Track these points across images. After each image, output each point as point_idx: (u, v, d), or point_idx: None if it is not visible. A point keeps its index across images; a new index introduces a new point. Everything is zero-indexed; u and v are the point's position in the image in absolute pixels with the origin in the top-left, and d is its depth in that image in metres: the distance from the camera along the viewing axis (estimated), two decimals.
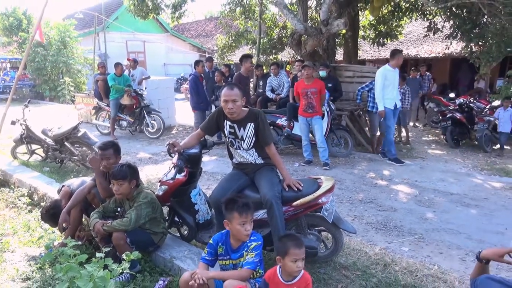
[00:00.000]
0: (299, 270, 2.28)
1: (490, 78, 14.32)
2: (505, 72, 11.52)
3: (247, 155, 3.29)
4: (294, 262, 2.27)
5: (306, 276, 2.31)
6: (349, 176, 6.12)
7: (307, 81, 6.43)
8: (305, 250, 2.31)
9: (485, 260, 2.15)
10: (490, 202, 5.02)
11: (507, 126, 8.50)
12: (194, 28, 32.77)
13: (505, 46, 7.69)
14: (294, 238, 2.37)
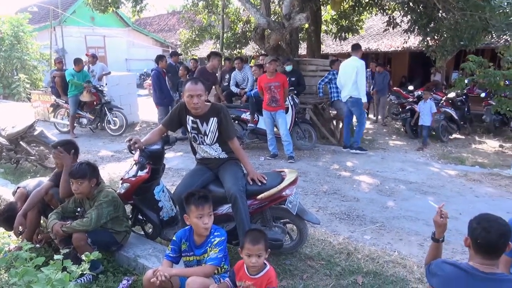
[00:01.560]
0: (254, 265, 2.26)
1: (446, 71, 14.95)
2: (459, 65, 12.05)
3: (211, 150, 3.27)
4: (248, 257, 2.27)
5: (270, 272, 2.31)
6: (314, 168, 6.22)
7: (270, 76, 6.46)
8: (263, 246, 2.27)
9: (439, 238, 2.26)
10: (446, 189, 5.26)
11: (427, 119, 8.33)
12: (156, 23, 32.06)
13: (459, 40, 8.04)
14: (253, 233, 2.35)
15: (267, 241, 2.33)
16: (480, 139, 9.43)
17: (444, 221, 2.24)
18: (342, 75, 7.18)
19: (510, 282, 1.81)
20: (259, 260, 2.25)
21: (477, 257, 1.89)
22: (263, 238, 2.29)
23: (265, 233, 2.40)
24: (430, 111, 8.31)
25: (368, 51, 16.05)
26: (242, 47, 14.73)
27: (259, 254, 2.25)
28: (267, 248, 2.31)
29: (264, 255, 2.27)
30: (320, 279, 3.11)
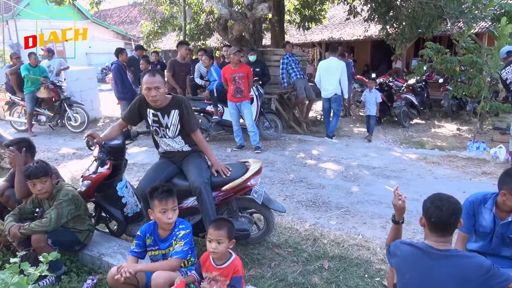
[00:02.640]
0: (214, 251, 2.25)
1: (406, 58, 15.38)
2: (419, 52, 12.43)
3: (174, 143, 3.23)
4: (209, 242, 2.27)
5: (236, 261, 2.32)
6: (280, 157, 6.28)
7: (233, 66, 6.42)
8: (225, 233, 2.27)
9: (398, 220, 2.35)
10: (407, 172, 5.45)
11: (373, 109, 7.97)
12: (117, 15, 31.07)
13: (416, 28, 8.28)
14: (218, 220, 2.36)
15: (232, 231, 2.32)
16: (439, 123, 9.80)
17: (402, 204, 2.33)
18: (325, 73, 7.56)
19: (462, 257, 1.91)
20: (219, 247, 2.24)
21: (432, 235, 1.98)
22: (227, 226, 2.29)
23: (231, 223, 2.40)
24: (376, 101, 7.98)
25: (331, 40, 16.27)
26: (206, 39, 14.56)
27: (219, 240, 2.24)
28: (231, 237, 2.30)
29: (225, 242, 2.26)
30: (288, 266, 3.16)
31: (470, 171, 5.41)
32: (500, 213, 2.49)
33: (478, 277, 1.82)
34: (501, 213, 2.49)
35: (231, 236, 2.30)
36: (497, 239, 2.54)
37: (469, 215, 2.57)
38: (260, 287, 2.87)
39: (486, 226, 2.53)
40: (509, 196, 2.36)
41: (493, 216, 2.51)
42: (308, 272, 3.06)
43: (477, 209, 2.56)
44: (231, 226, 2.36)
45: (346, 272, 3.04)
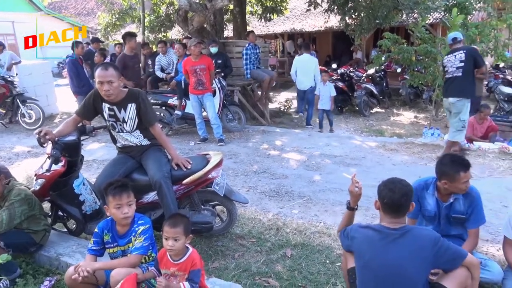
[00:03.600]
0: (171, 249, 2.23)
1: (366, 48, 15.75)
2: None
3: (132, 138, 3.16)
4: (166, 240, 2.24)
5: (193, 255, 2.30)
6: (244, 149, 6.29)
7: (194, 58, 6.33)
8: (181, 230, 2.23)
9: (353, 206, 2.42)
10: (367, 160, 5.61)
11: (327, 103, 7.94)
12: (72, 6, 29.81)
13: (374, 19, 8.49)
14: (174, 217, 2.32)
15: (188, 226, 2.29)
16: (398, 111, 10.15)
17: (359, 191, 2.41)
18: (301, 68, 8.39)
19: (415, 230, 2.04)
20: (176, 244, 2.22)
21: (386, 217, 2.08)
22: (183, 223, 2.26)
23: (187, 219, 2.37)
24: (330, 95, 7.95)
25: (294, 32, 16.40)
26: (167, 31, 14.26)
27: (176, 237, 2.21)
28: (188, 233, 2.28)
29: (182, 239, 2.23)
30: (251, 256, 3.19)
31: (425, 157, 5.64)
32: (442, 197, 2.65)
33: (431, 247, 1.94)
34: (442, 197, 2.65)
35: (187, 232, 2.27)
36: (444, 221, 2.70)
37: (414, 202, 2.70)
38: (224, 278, 2.87)
39: (431, 210, 2.68)
40: (450, 184, 2.52)
41: (436, 200, 2.67)
42: (272, 261, 3.10)
43: (420, 195, 2.71)
44: (187, 221, 2.33)
45: (308, 259, 3.10)
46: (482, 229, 3.37)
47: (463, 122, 5.38)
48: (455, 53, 5.36)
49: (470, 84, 5.30)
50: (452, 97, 5.36)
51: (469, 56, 5.23)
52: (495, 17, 9.75)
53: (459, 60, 5.29)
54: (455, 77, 5.33)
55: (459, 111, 5.34)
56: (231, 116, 7.42)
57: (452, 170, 2.49)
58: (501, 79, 11.03)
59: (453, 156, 2.60)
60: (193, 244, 3.35)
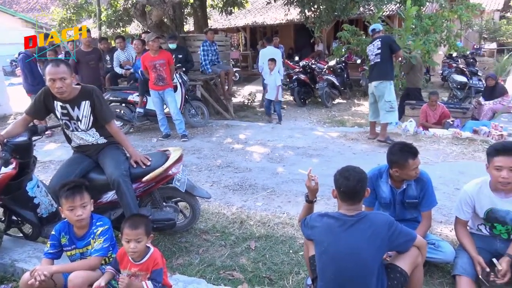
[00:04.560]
0: (133, 251, 2.18)
1: (327, 40, 16.00)
2: None
3: (87, 136, 3.07)
4: (127, 243, 2.19)
5: (155, 254, 2.26)
6: (208, 144, 6.26)
7: (153, 53, 6.21)
8: (143, 231, 2.18)
9: (312, 199, 2.48)
10: (329, 150, 5.73)
11: (272, 93, 7.94)
12: (24, 1, 28.40)
13: (333, 11, 8.63)
14: (133, 218, 2.28)
15: (149, 226, 2.26)
16: (359, 101, 10.40)
17: (315, 185, 2.46)
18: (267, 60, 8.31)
19: (370, 214, 2.12)
20: (139, 246, 2.18)
21: (343, 204, 2.14)
22: (144, 223, 2.22)
23: (147, 218, 2.34)
24: (276, 84, 7.92)
25: (255, 25, 16.39)
26: (126, 25, 13.87)
27: (138, 239, 2.17)
28: (149, 232, 2.24)
29: (144, 240, 2.20)
30: (216, 251, 3.19)
31: (384, 145, 5.81)
32: (395, 183, 2.76)
33: (386, 231, 2.03)
34: (395, 183, 2.76)
35: (149, 232, 2.24)
36: (399, 206, 2.82)
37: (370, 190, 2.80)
38: (188, 274, 2.86)
39: (386, 197, 2.79)
40: (400, 172, 2.63)
41: (390, 188, 2.78)
42: (236, 254, 3.12)
43: (375, 183, 2.82)
44: (148, 221, 2.30)
45: (272, 250, 3.14)
46: (436, 211, 3.55)
47: (390, 103, 5.80)
48: (374, 42, 5.89)
49: (389, 68, 5.84)
50: (374, 80, 5.89)
51: (384, 43, 5.74)
52: (447, 9, 10.17)
53: (376, 48, 5.82)
54: (375, 63, 5.88)
55: (382, 94, 5.82)
56: (193, 111, 7.36)
57: (401, 158, 2.60)
58: (454, 68, 11.53)
59: (401, 145, 2.70)
60: (157, 242, 3.33)
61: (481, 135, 5.90)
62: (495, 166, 2.38)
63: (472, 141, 5.73)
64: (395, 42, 6.05)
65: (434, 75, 13.88)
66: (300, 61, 12.18)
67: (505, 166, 2.34)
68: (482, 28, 22.21)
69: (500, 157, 2.35)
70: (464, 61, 12.84)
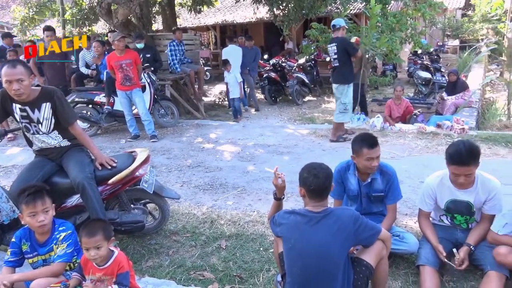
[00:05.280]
0: (94, 258, 2.13)
1: (297, 39, 16.13)
2: None
3: (49, 139, 2.97)
4: (86, 250, 2.14)
5: (119, 257, 2.21)
6: (178, 144, 6.20)
7: (119, 53, 6.07)
8: (102, 237, 2.12)
9: (280, 197, 2.50)
10: (299, 147, 5.79)
11: (236, 91, 7.91)
12: None
13: (301, 9, 8.71)
14: (89, 225, 2.20)
15: (108, 229, 2.21)
16: (328, 99, 10.54)
17: (282, 183, 2.48)
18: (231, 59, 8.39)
19: (337, 210, 2.16)
20: (99, 252, 2.12)
21: (311, 202, 2.16)
22: (102, 228, 2.16)
23: (105, 222, 2.29)
24: (237, 81, 7.93)
25: (225, 23, 16.33)
26: (92, 24, 13.54)
27: (98, 246, 2.11)
28: (109, 236, 2.19)
29: (104, 245, 2.14)
30: (186, 251, 3.17)
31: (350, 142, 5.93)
32: (361, 176, 2.83)
33: (352, 225, 2.06)
34: (362, 176, 2.82)
35: (109, 236, 2.18)
36: (365, 199, 2.88)
37: (339, 183, 2.87)
38: (157, 276, 2.83)
39: (354, 190, 2.85)
40: (356, 159, 2.71)
41: (357, 180, 2.84)
42: (206, 254, 3.11)
43: (343, 176, 2.87)
44: (106, 224, 2.25)
45: (243, 248, 3.15)
46: (402, 204, 3.65)
47: (345, 105, 5.99)
48: (331, 45, 5.97)
49: (347, 72, 5.94)
50: (334, 83, 6.06)
51: (340, 47, 5.80)
52: (410, 7, 10.43)
53: (333, 52, 5.90)
54: (335, 67, 5.99)
55: (341, 95, 5.99)
56: (163, 111, 7.26)
57: (357, 145, 2.69)
58: (419, 65, 11.89)
59: (364, 135, 2.78)
60: (125, 245, 3.28)
61: (444, 129, 6.10)
62: (452, 173, 2.50)
63: (436, 135, 5.92)
64: (351, 45, 6.11)
65: (400, 72, 14.24)
66: (270, 60, 12.24)
67: (461, 174, 2.45)
68: (445, 25, 22.98)
69: (455, 166, 2.45)
70: (429, 57, 13.26)
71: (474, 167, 2.45)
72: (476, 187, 2.55)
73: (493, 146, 5.30)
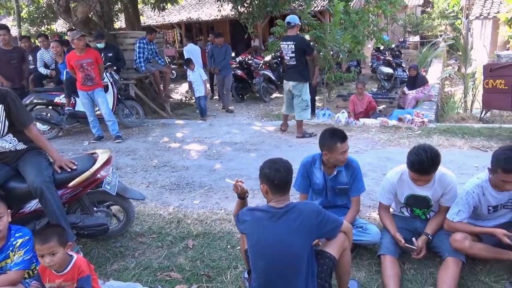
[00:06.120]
0: (50, 265, 2.08)
1: (263, 36, 16.19)
2: None
3: (4, 143, 2.84)
4: (41, 257, 2.07)
5: (79, 262, 2.16)
6: (143, 144, 6.09)
7: (79, 52, 5.88)
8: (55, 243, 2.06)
9: (243, 196, 2.52)
10: (266, 144, 5.83)
11: (201, 89, 7.77)
12: None
13: (265, 7, 8.75)
14: (42, 232, 2.14)
15: (63, 235, 2.15)
16: None
17: (242, 189, 2.49)
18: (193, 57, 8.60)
19: (299, 204, 2.17)
20: (54, 259, 2.06)
21: (274, 197, 2.17)
22: (55, 234, 2.09)
23: (60, 227, 2.22)
24: (201, 79, 7.78)
25: (190, 21, 16.17)
26: (51, 23, 13.09)
27: (52, 252, 2.05)
28: (65, 241, 2.12)
29: (60, 251, 2.08)
30: (153, 253, 3.13)
31: (318, 136, 6.02)
32: (327, 170, 2.87)
33: (314, 219, 2.08)
34: (328, 170, 2.87)
35: (64, 241, 2.12)
36: (330, 193, 2.93)
37: (304, 177, 2.91)
38: (123, 279, 2.78)
39: (319, 184, 2.90)
40: (329, 155, 2.74)
41: (322, 174, 2.89)
42: (173, 254, 3.08)
43: (309, 170, 2.91)
44: (60, 230, 2.18)
45: (210, 246, 3.14)
46: (365, 196, 3.75)
47: (306, 101, 6.09)
48: (288, 43, 6.00)
49: (305, 70, 6.03)
50: (293, 81, 6.05)
51: (298, 47, 5.87)
52: (372, 4, 10.72)
53: (290, 51, 5.94)
54: (291, 65, 6.00)
55: (300, 93, 6.04)
56: (127, 111, 7.11)
57: (331, 141, 2.71)
58: (381, 60, 12.22)
59: (332, 130, 2.82)
60: (89, 249, 3.20)
61: (405, 122, 6.31)
62: (412, 178, 2.59)
63: (398, 129, 6.11)
64: (309, 45, 6.25)
65: (364, 68, 14.59)
66: (236, 57, 12.22)
67: (421, 180, 2.55)
68: (406, 22, 23.73)
69: (416, 174, 2.52)
70: (391, 53, 13.66)
71: (434, 173, 2.53)
72: (434, 182, 2.64)
73: (451, 138, 5.53)
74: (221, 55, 8.78)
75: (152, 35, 8.16)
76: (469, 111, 8.30)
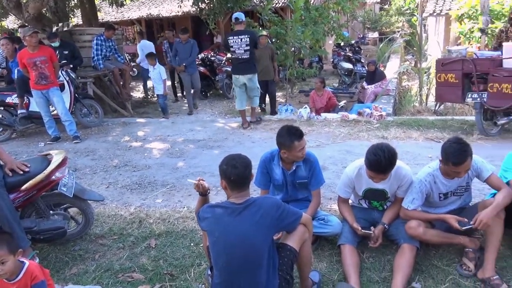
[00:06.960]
0: (1, 275, 2.00)
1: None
2: None
3: None
4: None
5: (31, 268, 2.08)
6: (103, 144, 5.93)
7: (32, 50, 5.62)
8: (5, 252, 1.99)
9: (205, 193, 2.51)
10: (229, 141, 5.83)
11: (160, 87, 7.52)
12: None
13: (226, 3, 8.72)
14: None
15: (12, 242, 2.07)
16: None
17: (204, 187, 2.48)
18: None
19: (258, 199, 2.18)
20: (5, 267, 1.98)
21: (233, 193, 2.18)
22: (4, 242, 2.02)
23: (7, 235, 2.16)
24: (161, 78, 7.51)
25: (151, 17, 15.85)
26: (1, 19, 12.45)
27: (2, 260, 1.97)
28: (14, 249, 2.05)
29: (10, 259, 2.00)
30: (114, 254, 3.06)
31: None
32: (286, 165, 2.92)
33: (274, 212, 2.11)
34: (286, 165, 2.92)
35: (14, 248, 2.04)
36: (290, 187, 2.98)
37: (264, 173, 2.95)
38: (83, 283, 2.71)
39: (279, 179, 2.94)
40: (288, 153, 2.78)
41: (281, 170, 2.93)
42: (136, 255, 3.03)
43: (268, 167, 2.95)
44: (8, 237, 2.12)
45: (173, 245, 3.11)
46: (326, 189, 3.84)
47: (258, 89, 6.62)
48: (241, 36, 6.13)
49: (254, 63, 6.41)
50: (248, 74, 6.31)
51: (252, 40, 6.13)
52: (331, 1, 10.91)
53: (245, 44, 6.09)
54: (244, 59, 6.19)
55: (254, 84, 6.44)
56: (86, 110, 6.88)
57: (288, 140, 2.74)
58: (342, 56, 12.48)
59: (288, 128, 2.85)
60: (47, 253, 3.09)
61: (364, 116, 6.49)
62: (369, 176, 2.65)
63: (357, 123, 6.28)
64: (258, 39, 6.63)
65: (326, 63, 14.84)
66: (199, 54, 12.08)
67: (377, 178, 2.60)
68: (365, 19, 24.34)
69: (373, 172, 2.58)
70: (351, 49, 13.97)
71: (391, 171, 2.61)
72: (390, 176, 2.72)
73: (407, 130, 5.75)
74: (186, 51, 8.03)
75: (110, 31, 7.91)
76: (425, 104, 8.65)
